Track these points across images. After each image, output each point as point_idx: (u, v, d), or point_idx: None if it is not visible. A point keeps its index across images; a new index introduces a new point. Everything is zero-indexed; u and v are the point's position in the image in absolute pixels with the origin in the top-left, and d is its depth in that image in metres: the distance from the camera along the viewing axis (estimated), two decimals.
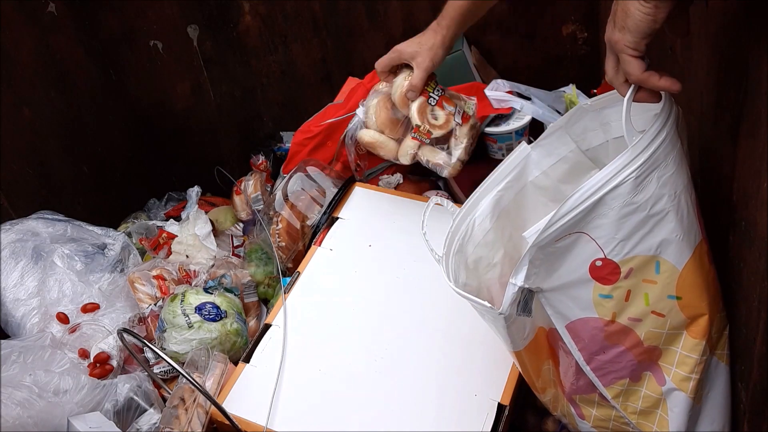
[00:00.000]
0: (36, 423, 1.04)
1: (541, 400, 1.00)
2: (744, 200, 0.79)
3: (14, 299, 1.32)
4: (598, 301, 0.81)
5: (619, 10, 0.70)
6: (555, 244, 0.78)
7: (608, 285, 0.80)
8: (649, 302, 0.82)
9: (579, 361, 0.86)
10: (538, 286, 0.81)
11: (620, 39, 0.71)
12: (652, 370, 0.87)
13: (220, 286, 1.33)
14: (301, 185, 1.41)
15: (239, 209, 1.66)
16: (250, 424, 1.04)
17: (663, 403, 0.87)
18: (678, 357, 0.85)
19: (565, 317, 0.84)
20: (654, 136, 0.75)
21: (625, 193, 0.75)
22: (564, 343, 0.85)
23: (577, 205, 0.75)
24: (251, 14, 1.71)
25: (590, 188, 0.75)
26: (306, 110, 1.65)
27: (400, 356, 1.10)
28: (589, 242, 0.78)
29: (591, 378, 0.87)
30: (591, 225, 0.77)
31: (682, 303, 0.82)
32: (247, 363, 1.13)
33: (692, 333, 0.84)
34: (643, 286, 0.81)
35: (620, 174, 0.75)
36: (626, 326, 0.83)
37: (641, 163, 0.75)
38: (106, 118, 1.76)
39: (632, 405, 0.89)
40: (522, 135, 1.51)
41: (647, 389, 0.88)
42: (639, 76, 0.73)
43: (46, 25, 1.57)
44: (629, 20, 0.69)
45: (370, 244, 1.27)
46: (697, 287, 0.82)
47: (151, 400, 1.18)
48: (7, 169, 1.49)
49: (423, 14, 1.70)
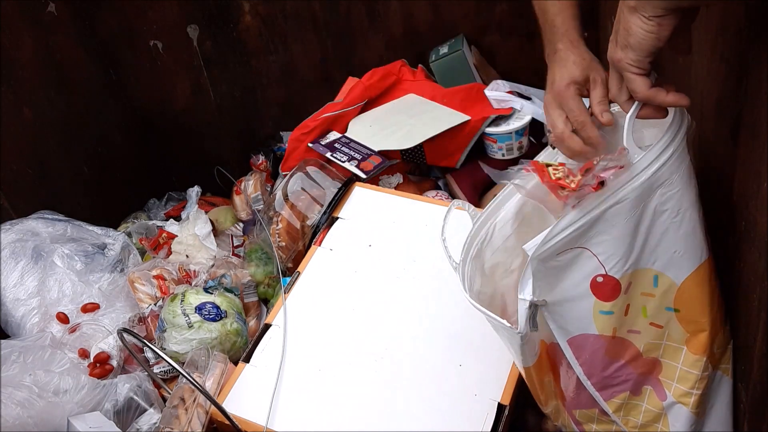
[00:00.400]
0: (36, 423, 1.04)
1: (544, 411, 1.00)
2: (744, 200, 0.79)
3: (14, 299, 1.32)
4: (598, 317, 0.80)
5: (621, 29, 0.69)
6: (556, 257, 0.76)
7: (609, 302, 0.79)
8: (647, 314, 0.81)
9: (580, 376, 0.85)
10: (542, 299, 0.80)
11: (623, 57, 0.70)
12: (653, 384, 0.86)
13: (220, 286, 1.33)
14: (301, 185, 1.41)
15: (239, 209, 1.66)
16: (250, 424, 1.04)
17: (664, 418, 0.87)
18: (679, 372, 0.85)
19: (567, 332, 0.82)
20: (659, 152, 0.73)
21: (626, 211, 0.74)
22: (565, 358, 0.84)
23: (575, 221, 0.74)
24: (251, 14, 1.71)
25: (589, 204, 0.74)
26: (306, 110, 1.65)
27: (400, 356, 1.10)
28: (591, 258, 0.77)
29: (591, 392, 0.86)
30: (593, 241, 0.76)
31: (680, 315, 0.82)
32: (247, 363, 1.13)
33: (693, 348, 0.83)
34: (641, 299, 0.81)
35: (620, 191, 0.73)
36: (625, 339, 0.83)
37: (643, 181, 0.73)
38: (106, 118, 1.76)
39: (633, 419, 0.88)
40: (522, 135, 1.51)
41: (648, 404, 0.87)
42: (645, 94, 0.71)
43: (46, 25, 1.57)
44: (631, 38, 0.68)
45: (370, 244, 1.27)
46: (697, 303, 0.81)
47: (151, 400, 1.18)
48: (7, 169, 1.48)
49: (423, 14, 1.71)
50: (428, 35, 1.73)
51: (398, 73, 1.68)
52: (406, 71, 1.69)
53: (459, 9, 1.69)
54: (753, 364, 0.82)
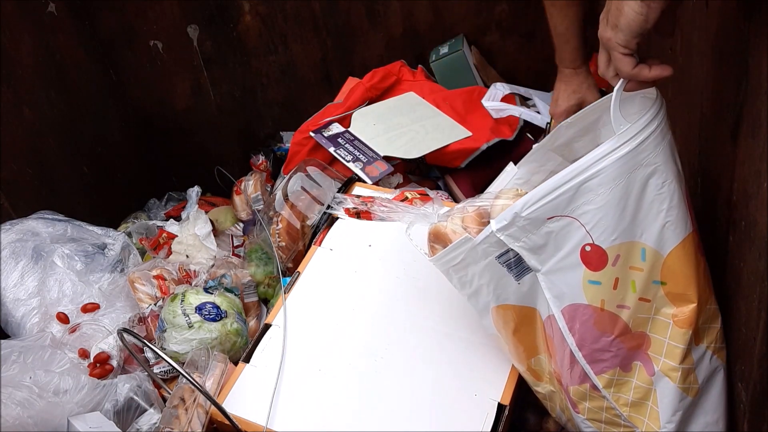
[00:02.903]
0: (36, 423, 1.04)
1: (539, 394, 1.01)
2: (744, 200, 0.79)
3: (14, 299, 1.32)
4: (587, 287, 0.84)
5: (614, 8, 0.72)
6: (547, 223, 0.81)
7: (597, 271, 0.83)
8: (636, 289, 0.85)
9: (572, 347, 0.88)
10: (536, 266, 0.85)
11: (612, 37, 0.74)
12: (642, 359, 0.89)
13: (220, 286, 1.33)
14: (301, 185, 1.41)
15: (239, 209, 1.66)
16: (250, 424, 1.04)
17: (654, 394, 0.89)
18: (666, 347, 0.87)
19: (561, 301, 0.86)
20: (644, 125, 0.78)
21: (610, 180, 0.78)
22: (559, 328, 0.88)
23: (561, 185, 0.78)
24: (251, 14, 1.71)
25: (573, 170, 0.78)
26: (306, 110, 1.65)
27: (400, 356, 1.10)
28: (579, 228, 0.81)
29: (583, 365, 0.89)
30: (580, 211, 0.80)
31: (666, 288, 0.85)
32: (247, 363, 1.13)
33: (679, 323, 0.86)
34: (630, 273, 0.84)
35: (604, 159, 0.78)
36: (614, 313, 0.85)
37: (628, 150, 0.77)
38: (106, 118, 1.76)
39: (624, 396, 0.90)
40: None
41: (638, 380, 0.89)
42: (630, 73, 0.76)
43: (46, 25, 1.57)
44: (622, 19, 0.71)
45: (370, 244, 1.27)
46: (682, 276, 0.84)
47: (151, 400, 1.18)
48: (7, 169, 1.49)
49: (423, 14, 1.71)
50: (428, 35, 1.73)
51: (398, 74, 1.68)
52: (406, 71, 1.69)
53: (459, 9, 1.70)
54: (753, 364, 0.82)
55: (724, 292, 0.89)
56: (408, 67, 1.71)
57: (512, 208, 0.81)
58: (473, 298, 0.93)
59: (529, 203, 0.80)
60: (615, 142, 0.77)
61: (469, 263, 0.88)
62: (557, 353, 0.92)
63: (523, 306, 0.90)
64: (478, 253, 0.86)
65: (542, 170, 1.00)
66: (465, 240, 0.86)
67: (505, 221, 0.82)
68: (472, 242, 0.85)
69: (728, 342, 0.91)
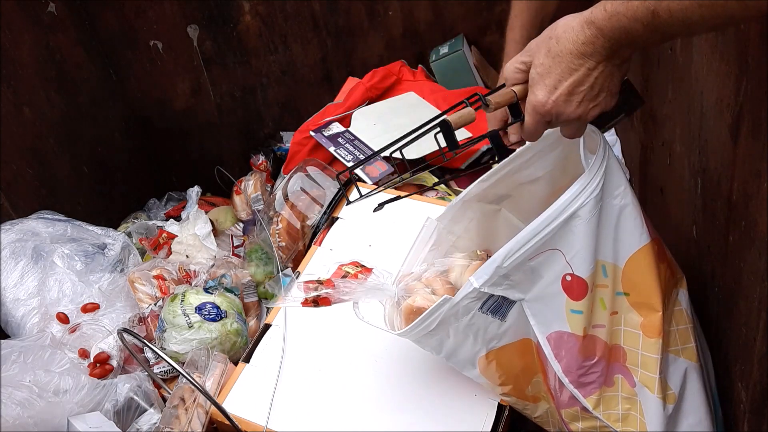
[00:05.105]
0: (36, 423, 1.04)
1: (533, 416, 1.01)
2: (744, 200, 0.79)
3: (14, 299, 1.32)
4: (570, 316, 0.85)
5: (599, 85, 0.70)
6: (529, 262, 0.82)
7: (578, 300, 0.84)
8: (605, 306, 0.86)
9: (558, 374, 0.88)
10: (520, 296, 0.85)
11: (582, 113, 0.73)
12: (622, 372, 0.90)
13: (220, 286, 1.33)
14: (301, 185, 1.41)
15: (239, 209, 1.66)
16: (250, 424, 1.04)
17: (639, 405, 0.90)
18: (641, 358, 0.88)
19: (545, 327, 0.86)
20: (603, 157, 0.80)
21: (588, 211, 0.79)
22: (545, 355, 0.88)
23: (542, 228, 0.79)
24: (251, 14, 1.71)
25: (556, 210, 0.79)
26: (306, 110, 1.65)
27: (400, 356, 1.10)
28: (561, 257, 0.82)
29: (571, 390, 0.89)
30: (562, 242, 0.81)
31: (631, 299, 0.86)
32: (247, 363, 1.13)
33: (648, 332, 0.87)
34: (598, 292, 0.85)
35: (576, 201, 0.79)
36: (593, 335, 0.87)
37: (598, 182, 0.79)
38: (107, 118, 1.76)
39: (614, 413, 0.91)
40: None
41: (622, 391, 0.90)
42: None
43: (46, 25, 1.57)
44: (602, 98, 0.71)
45: (370, 244, 1.27)
46: (643, 284, 0.85)
47: (151, 400, 1.18)
48: (7, 169, 1.49)
49: (423, 14, 1.71)
50: (428, 35, 1.73)
51: (398, 74, 1.68)
52: (406, 71, 1.69)
53: (459, 9, 1.70)
54: (753, 364, 0.82)
55: (724, 292, 0.89)
56: (408, 67, 1.71)
57: (492, 263, 0.81)
58: (453, 357, 0.92)
59: (510, 253, 0.80)
60: (588, 176, 0.79)
61: (450, 323, 0.87)
62: (549, 378, 0.92)
63: (516, 341, 0.90)
64: (460, 310, 0.85)
65: (464, 218, 1.01)
66: (444, 301, 0.84)
67: (486, 276, 0.82)
68: (451, 302, 0.84)
69: (728, 342, 0.91)
